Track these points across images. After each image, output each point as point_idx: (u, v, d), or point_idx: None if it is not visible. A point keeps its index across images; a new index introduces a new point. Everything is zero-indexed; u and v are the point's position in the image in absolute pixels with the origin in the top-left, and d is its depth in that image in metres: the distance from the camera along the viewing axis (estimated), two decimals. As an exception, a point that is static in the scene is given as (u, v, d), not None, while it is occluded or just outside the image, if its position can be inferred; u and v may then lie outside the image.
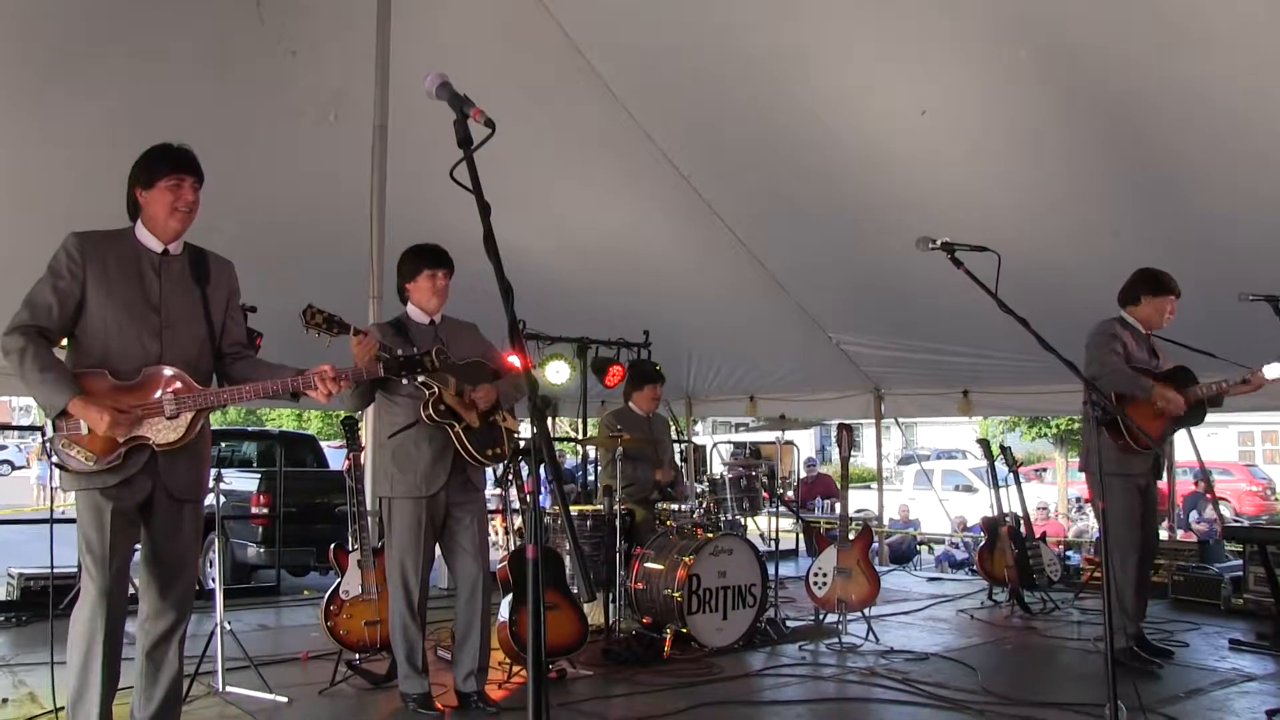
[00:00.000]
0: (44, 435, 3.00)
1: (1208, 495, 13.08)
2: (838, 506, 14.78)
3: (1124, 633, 5.00)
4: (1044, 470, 22.69)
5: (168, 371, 3.08)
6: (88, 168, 5.82)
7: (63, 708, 3.11)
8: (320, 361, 3.26)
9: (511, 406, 4.47)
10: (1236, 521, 14.99)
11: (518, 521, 5.67)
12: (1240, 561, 7.10)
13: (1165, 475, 8.76)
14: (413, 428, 4.17)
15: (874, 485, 11.92)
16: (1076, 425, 21.04)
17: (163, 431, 3.05)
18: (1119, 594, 4.98)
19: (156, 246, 3.19)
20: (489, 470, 4.58)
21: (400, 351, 3.56)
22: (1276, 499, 21.38)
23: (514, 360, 4.47)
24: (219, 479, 4.70)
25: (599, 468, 7.36)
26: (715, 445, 13.88)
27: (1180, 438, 6.11)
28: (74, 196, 5.75)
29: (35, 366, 2.96)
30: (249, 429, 19.76)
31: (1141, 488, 5.09)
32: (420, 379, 3.82)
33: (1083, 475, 5.55)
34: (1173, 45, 4.73)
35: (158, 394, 3.05)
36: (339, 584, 4.85)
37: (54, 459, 2.99)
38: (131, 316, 3.09)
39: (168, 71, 5.64)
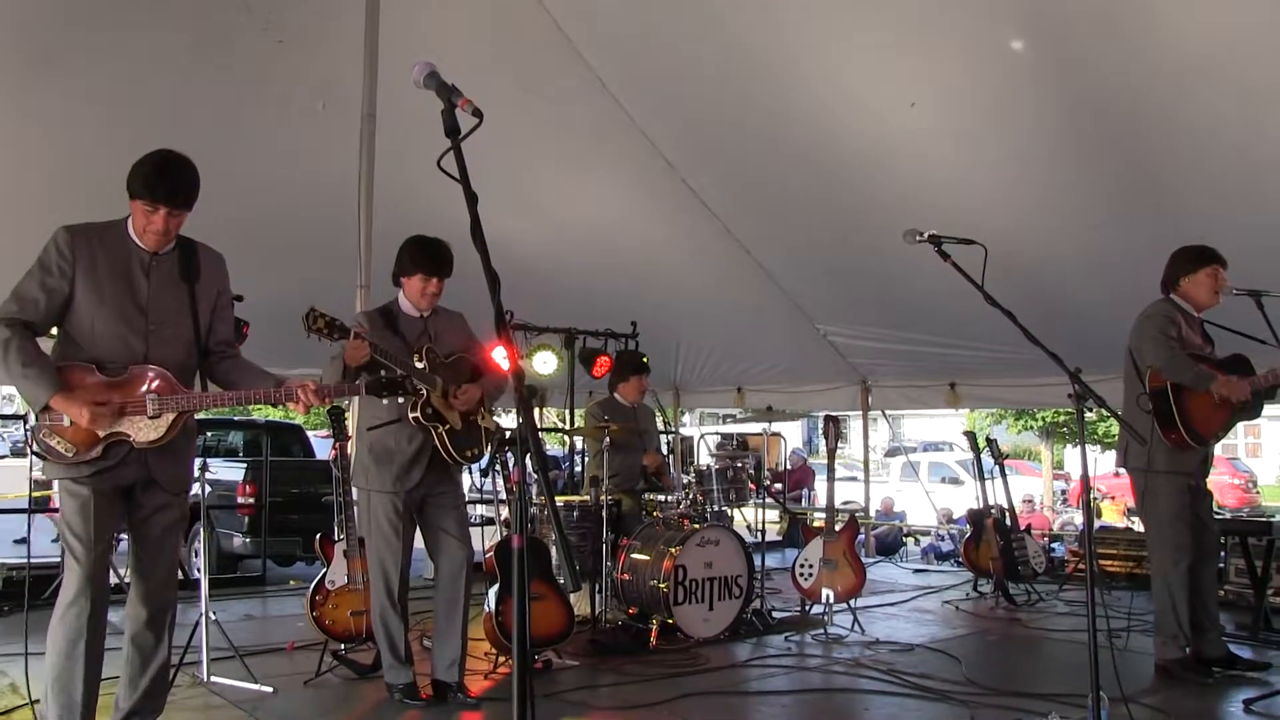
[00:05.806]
0: (27, 424, 3.01)
1: None
2: (806, 495, 14.74)
3: (1176, 643, 4.69)
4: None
5: (151, 370, 3.08)
6: (73, 157, 5.77)
7: (38, 700, 3.10)
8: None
9: (491, 405, 4.47)
10: (1218, 514, 15.06)
11: (504, 512, 5.67)
12: (1221, 553, 7.15)
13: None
14: (394, 424, 4.16)
15: (860, 476, 11.95)
16: (1062, 418, 21.18)
17: (144, 430, 3.06)
18: (1171, 600, 4.67)
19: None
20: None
21: (384, 374, 3.64)
22: (1258, 492, 21.60)
23: (499, 353, 4.46)
24: (204, 468, 4.68)
25: (586, 458, 7.35)
26: (702, 436, 13.89)
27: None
28: (59, 186, 5.71)
29: (19, 360, 2.98)
30: (235, 418, 19.52)
31: (1193, 486, 4.76)
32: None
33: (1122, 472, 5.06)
34: (1161, 40, 4.74)
35: (141, 390, 3.05)
36: (325, 574, 4.84)
37: (35, 448, 3.02)
38: (118, 317, 3.08)
39: (154, 59, 5.59)
